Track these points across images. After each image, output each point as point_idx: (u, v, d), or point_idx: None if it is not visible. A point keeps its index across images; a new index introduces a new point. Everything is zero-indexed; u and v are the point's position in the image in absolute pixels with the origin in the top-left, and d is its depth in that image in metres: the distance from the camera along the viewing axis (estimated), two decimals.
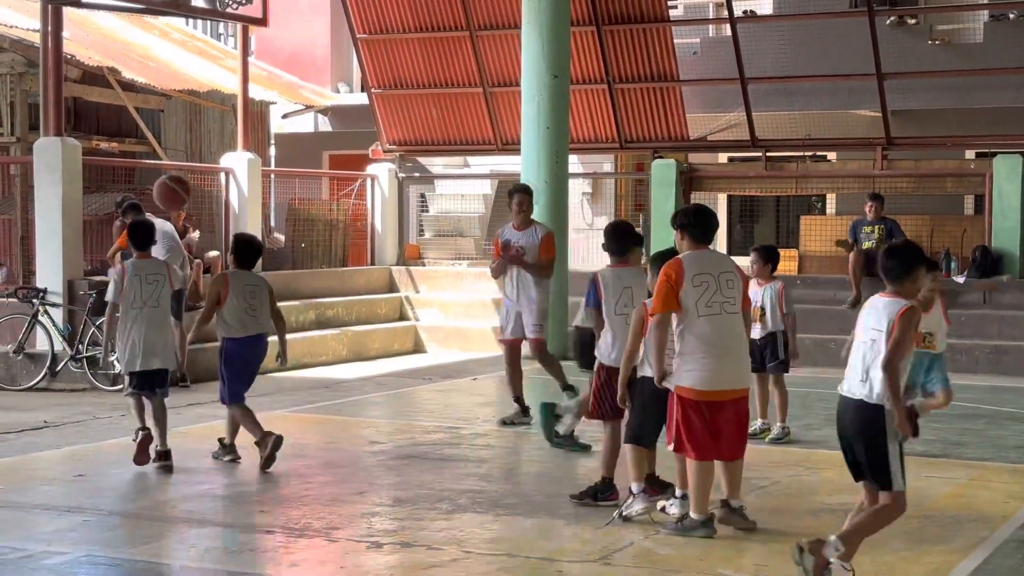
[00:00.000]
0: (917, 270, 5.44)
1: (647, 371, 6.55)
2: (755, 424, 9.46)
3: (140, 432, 8.30)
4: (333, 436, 10.74)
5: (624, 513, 6.48)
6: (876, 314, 5.37)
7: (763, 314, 9.57)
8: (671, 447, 6.26)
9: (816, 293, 15.90)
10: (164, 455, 8.27)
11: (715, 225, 6.57)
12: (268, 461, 8.23)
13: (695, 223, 6.28)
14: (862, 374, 5.41)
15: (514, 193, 11.07)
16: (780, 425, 9.79)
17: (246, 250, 8.76)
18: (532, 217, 10.62)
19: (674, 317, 6.11)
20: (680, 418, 6.12)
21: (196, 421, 10.60)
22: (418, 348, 17.24)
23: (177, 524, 7.16)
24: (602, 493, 6.89)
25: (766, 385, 9.71)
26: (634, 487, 6.53)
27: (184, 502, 7.69)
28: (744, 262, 9.09)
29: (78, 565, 6.07)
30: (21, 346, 12.65)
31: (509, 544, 6.59)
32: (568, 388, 9.80)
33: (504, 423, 10.18)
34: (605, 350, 7.00)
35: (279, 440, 8.15)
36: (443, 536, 6.71)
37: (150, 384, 8.42)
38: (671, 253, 6.55)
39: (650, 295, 6.51)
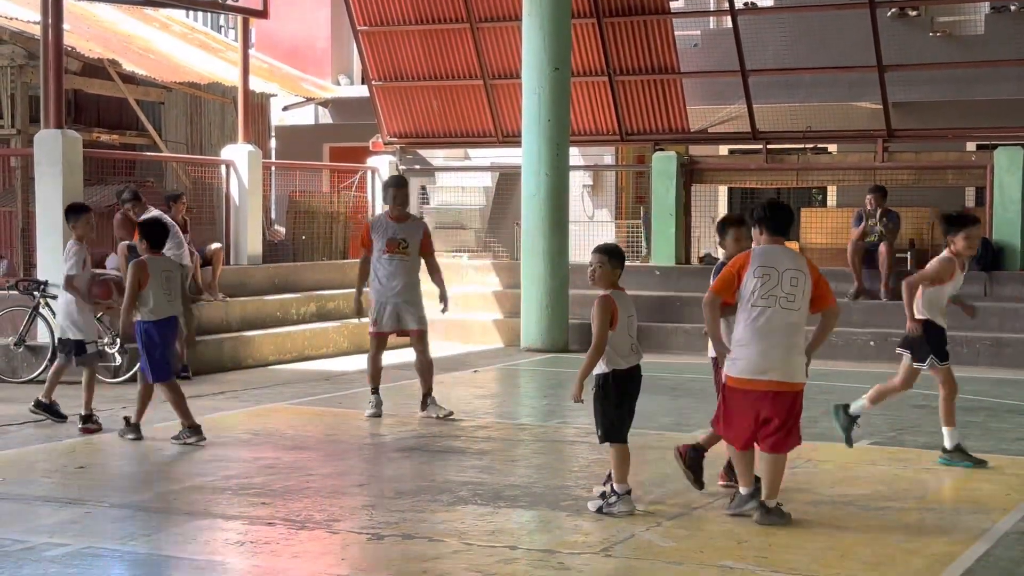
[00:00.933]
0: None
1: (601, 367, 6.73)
2: None
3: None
4: (334, 428, 10.63)
5: (605, 510, 6.57)
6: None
7: None
8: (715, 430, 6.58)
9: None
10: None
11: (789, 219, 6.77)
12: (179, 441, 8.79)
13: (770, 216, 6.44)
14: None
15: (390, 187, 11.14)
16: None
17: (159, 233, 9.09)
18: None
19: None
20: (722, 403, 6.40)
21: (199, 413, 10.20)
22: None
23: (179, 516, 7.07)
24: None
25: None
26: (618, 488, 6.60)
27: (185, 494, 7.67)
28: None
29: (80, 557, 6.05)
30: (22, 338, 12.57)
31: (510, 536, 6.56)
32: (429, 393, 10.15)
33: (426, 410, 10.29)
34: None
35: (198, 429, 8.70)
36: (444, 528, 6.70)
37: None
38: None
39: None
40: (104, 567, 6.16)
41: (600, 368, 6.55)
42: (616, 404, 6.72)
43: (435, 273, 11.04)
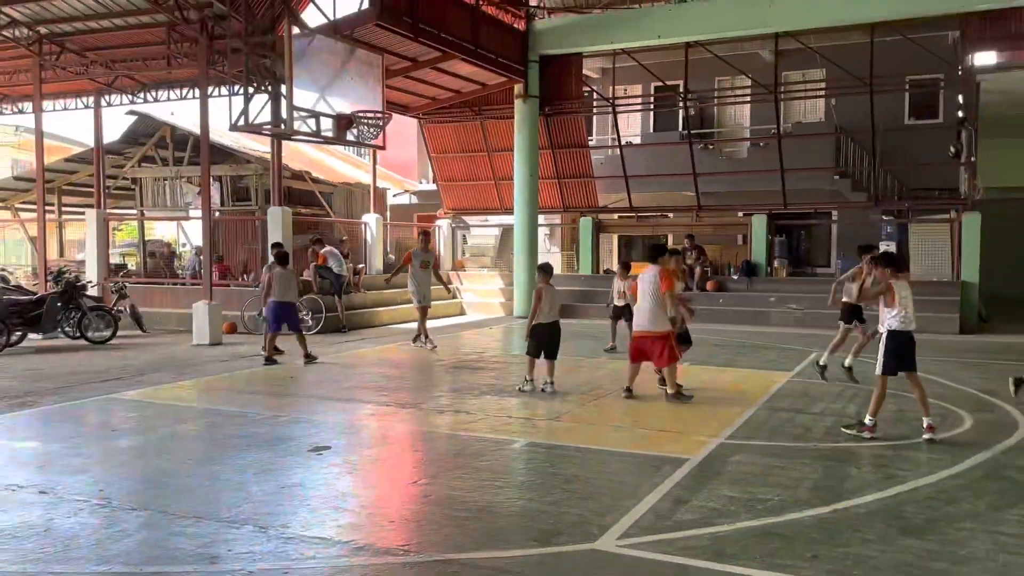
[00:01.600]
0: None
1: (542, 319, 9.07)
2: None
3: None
4: (419, 357, 12.79)
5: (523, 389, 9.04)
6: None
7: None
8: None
9: None
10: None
11: (661, 252, 9.05)
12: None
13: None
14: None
15: (422, 234, 14.62)
16: None
17: (285, 256, 11.83)
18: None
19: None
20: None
21: (353, 351, 13.43)
22: (463, 313, 20.69)
23: (339, 401, 8.94)
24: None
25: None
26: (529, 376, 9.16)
27: (341, 391, 9.57)
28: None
29: (289, 423, 7.78)
30: (261, 311, 13.89)
31: (508, 411, 8.32)
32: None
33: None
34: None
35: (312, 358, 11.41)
36: (474, 406, 8.51)
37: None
38: None
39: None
40: (293, 425, 7.72)
41: (536, 321, 8.89)
42: (538, 340, 9.23)
43: (439, 277, 14.27)
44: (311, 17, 15.04)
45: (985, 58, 17.59)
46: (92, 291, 16.86)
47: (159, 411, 8.75)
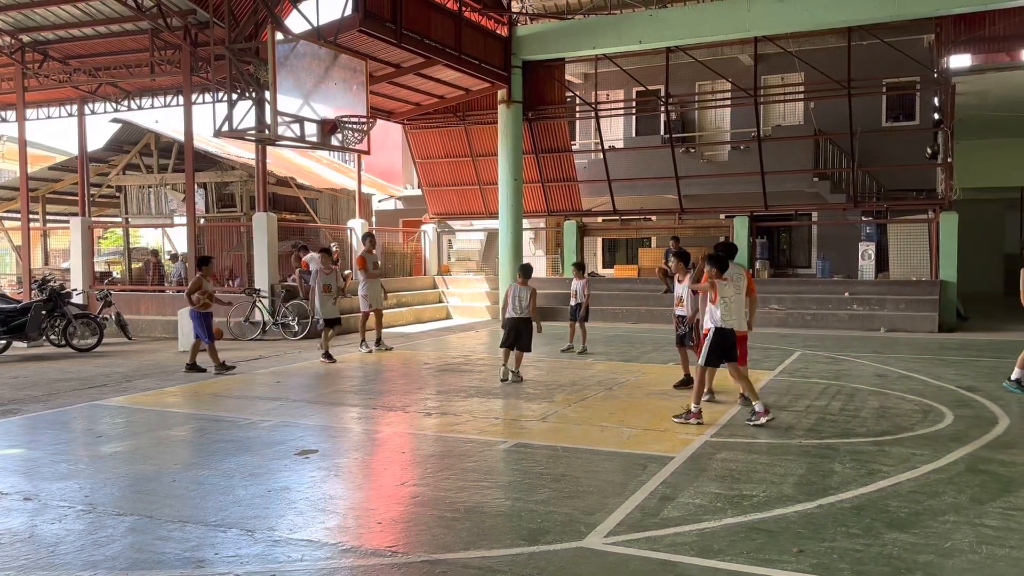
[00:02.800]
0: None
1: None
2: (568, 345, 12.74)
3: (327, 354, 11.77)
4: (406, 360, 12.81)
5: (510, 380, 9.44)
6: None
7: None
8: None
9: (646, 287, 19.46)
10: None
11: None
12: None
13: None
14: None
15: (367, 237, 14.15)
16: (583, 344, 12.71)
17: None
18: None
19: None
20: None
21: (339, 354, 13.36)
22: (448, 317, 20.62)
23: (326, 405, 9.05)
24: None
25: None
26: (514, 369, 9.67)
27: (328, 395, 9.61)
28: (610, 272, 12.83)
29: (277, 427, 7.73)
30: (247, 318, 15.85)
31: (495, 412, 8.30)
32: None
33: None
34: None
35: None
36: (462, 408, 8.47)
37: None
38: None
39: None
40: (279, 429, 7.68)
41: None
42: (507, 330, 9.79)
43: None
44: (295, 23, 15.03)
45: (960, 61, 17.79)
46: (77, 299, 16.77)
47: (145, 417, 8.65)
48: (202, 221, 19.15)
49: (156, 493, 5.83)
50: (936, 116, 19.11)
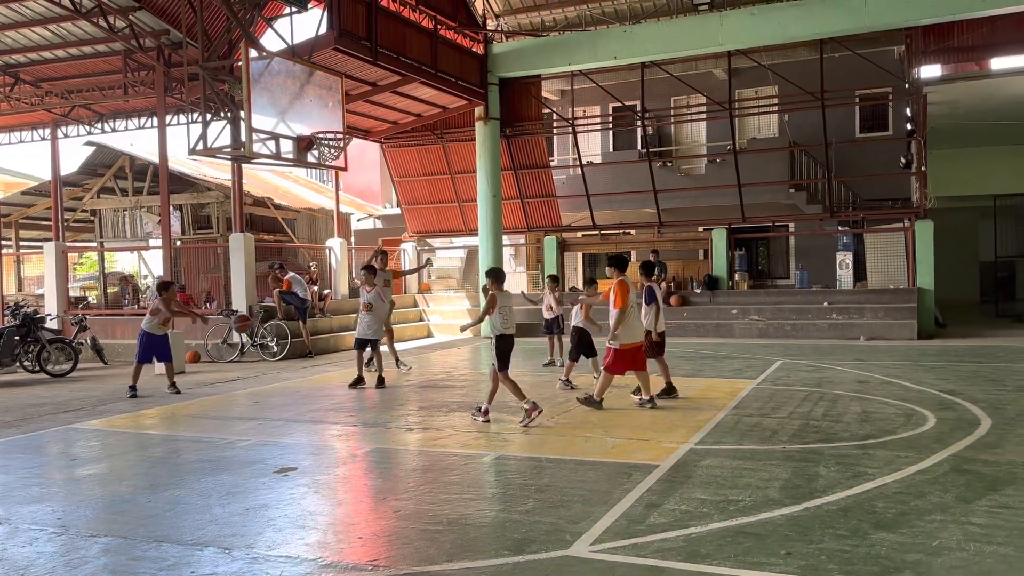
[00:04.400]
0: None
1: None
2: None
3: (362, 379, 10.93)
4: (386, 377, 11.92)
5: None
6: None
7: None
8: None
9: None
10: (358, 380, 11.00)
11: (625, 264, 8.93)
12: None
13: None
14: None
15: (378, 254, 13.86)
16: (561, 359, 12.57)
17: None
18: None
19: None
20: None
21: (319, 375, 13.33)
22: (429, 335, 20.57)
23: (306, 423, 8.86)
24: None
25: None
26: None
27: (308, 413, 9.52)
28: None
29: (255, 446, 7.62)
30: (225, 340, 15.71)
31: (478, 426, 8.31)
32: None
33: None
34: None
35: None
36: (444, 423, 8.48)
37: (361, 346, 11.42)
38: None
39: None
40: (258, 448, 7.58)
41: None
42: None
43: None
44: (269, 42, 14.96)
45: (930, 71, 18.03)
46: (51, 324, 16.49)
47: (120, 439, 8.49)
48: (178, 243, 18.97)
49: (131, 514, 5.68)
50: (909, 126, 19.33)
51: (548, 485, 6.13)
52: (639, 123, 21.36)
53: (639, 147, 22.37)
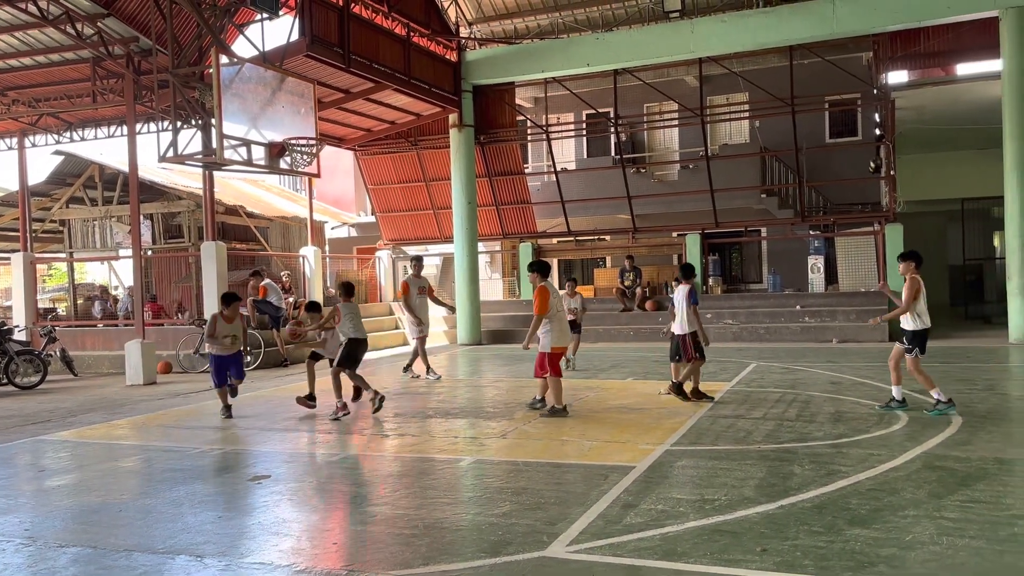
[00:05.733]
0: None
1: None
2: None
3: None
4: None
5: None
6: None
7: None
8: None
9: (603, 306, 19.39)
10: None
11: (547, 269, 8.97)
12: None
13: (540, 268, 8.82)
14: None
15: (414, 260, 13.42)
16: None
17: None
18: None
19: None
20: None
21: (295, 383, 11.19)
22: (406, 343, 19.27)
23: (280, 432, 8.88)
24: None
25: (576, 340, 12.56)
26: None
27: (282, 422, 9.46)
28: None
29: (228, 455, 7.66)
30: (197, 350, 15.21)
31: (454, 432, 8.28)
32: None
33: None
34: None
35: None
36: (420, 428, 8.48)
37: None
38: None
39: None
40: (232, 457, 7.50)
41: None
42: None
43: (438, 300, 13.78)
44: (241, 49, 14.86)
45: (897, 76, 18.30)
46: (20, 336, 16.25)
47: (91, 450, 8.37)
48: (149, 253, 18.76)
49: (101, 524, 5.59)
50: (877, 131, 19.57)
51: (525, 488, 6.12)
52: (613, 130, 21.44)
53: (613, 154, 22.47)
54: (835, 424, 8.10)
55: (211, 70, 12.17)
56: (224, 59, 12.23)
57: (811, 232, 20.16)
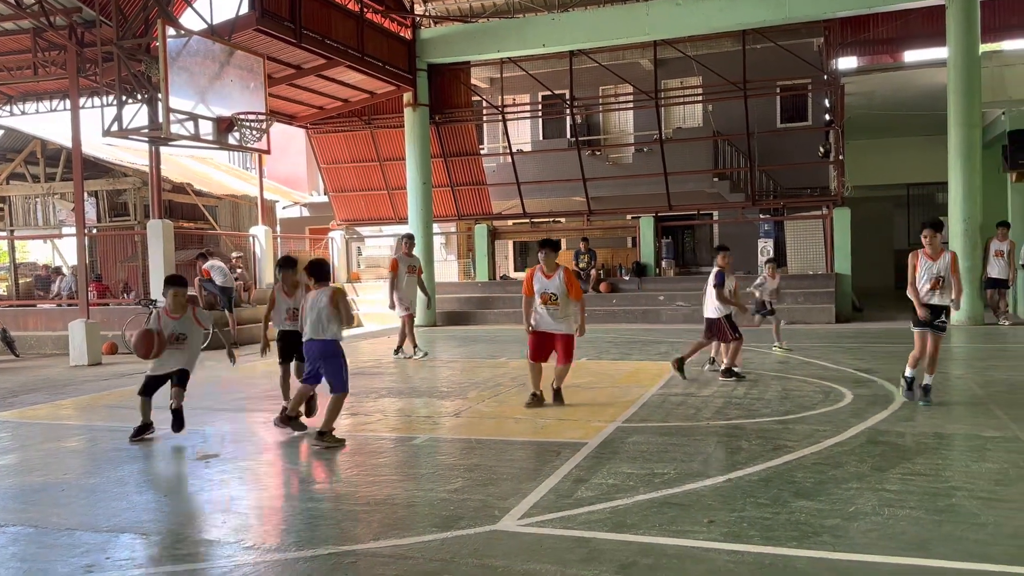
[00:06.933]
0: None
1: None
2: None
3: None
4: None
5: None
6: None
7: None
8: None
9: None
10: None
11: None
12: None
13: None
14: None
15: (403, 238, 13.06)
16: None
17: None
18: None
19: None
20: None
21: (243, 364, 11.52)
22: (359, 324, 19.99)
23: (229, 411, 8.79)
24: None
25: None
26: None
27: (232, 402, 9.52)
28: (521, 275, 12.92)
29: (176, 435, 7.26)
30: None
31: (407, 411, 8.38)
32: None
33: None
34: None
35: None
36: (373, 408, 8.44)
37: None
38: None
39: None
40: (180, 436, 7.20)
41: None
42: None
43: (423, 284, 12.97)
44: (188, 21, 14.49)
45: (847, 62, 18.59)
46: None
47: (33, 430, 8.15)
48: (94, 231, 18.33)
49: (43, 503, 5.46)
50: (827, 116, 19.88)
51: (478, 464, 6.13)
52: (568, 112, 21.45)
53: (568, 136, 22.48)
54: (783, 401, 8.25)
55: (157, 42, 11.88)
56: (171, 31, 11.95)
57: (761, 216, 20.41)
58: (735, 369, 9.56)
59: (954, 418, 7.33)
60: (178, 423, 7.17)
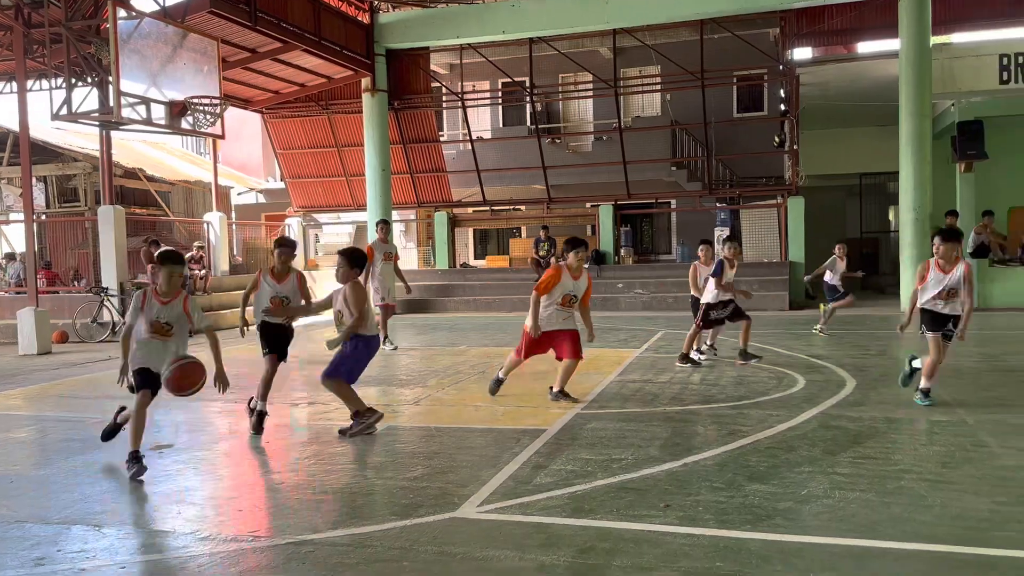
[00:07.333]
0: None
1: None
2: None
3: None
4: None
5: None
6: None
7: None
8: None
9: (519, 276, 19.45)
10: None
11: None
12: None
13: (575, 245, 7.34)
14: None
15: (380, 223, 12.49)
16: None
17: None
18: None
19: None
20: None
21: (197, 352, 11.55)
22: (317, 312, 21.14)
23: (184, 401, 6.88)
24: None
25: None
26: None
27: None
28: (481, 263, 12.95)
29: (125, 425, 6.44)
30: (95, 319, 14.95)
31: (367, 399, 7.50)
32: None
33: None
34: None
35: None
36: (330, 397, 7.54)
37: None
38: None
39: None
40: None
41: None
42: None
43: (399, 272, 12.31)
44: (140, 2, 14.15)
45: (802, 53, 18.83)
46: None
47: None
48: (43, 217, 18.00)
49: None
50: (782, 106, 20.17)
51: (437, 452, 6.14)
52: (528, 99, 21.43)
53: (528, 123, 22.47)
54: (737, 387, 8.38)
55: (108, 24, 11.60)
56: (122, 12, 11.69)
57: (718, 204, 20.60)
58: (692, 356, 9.64)
59: (904, 402, 7.50)
60: (111, 434, 6.48)
